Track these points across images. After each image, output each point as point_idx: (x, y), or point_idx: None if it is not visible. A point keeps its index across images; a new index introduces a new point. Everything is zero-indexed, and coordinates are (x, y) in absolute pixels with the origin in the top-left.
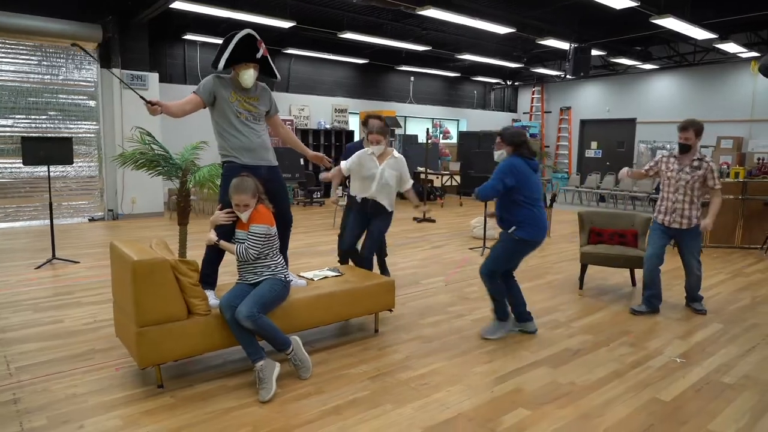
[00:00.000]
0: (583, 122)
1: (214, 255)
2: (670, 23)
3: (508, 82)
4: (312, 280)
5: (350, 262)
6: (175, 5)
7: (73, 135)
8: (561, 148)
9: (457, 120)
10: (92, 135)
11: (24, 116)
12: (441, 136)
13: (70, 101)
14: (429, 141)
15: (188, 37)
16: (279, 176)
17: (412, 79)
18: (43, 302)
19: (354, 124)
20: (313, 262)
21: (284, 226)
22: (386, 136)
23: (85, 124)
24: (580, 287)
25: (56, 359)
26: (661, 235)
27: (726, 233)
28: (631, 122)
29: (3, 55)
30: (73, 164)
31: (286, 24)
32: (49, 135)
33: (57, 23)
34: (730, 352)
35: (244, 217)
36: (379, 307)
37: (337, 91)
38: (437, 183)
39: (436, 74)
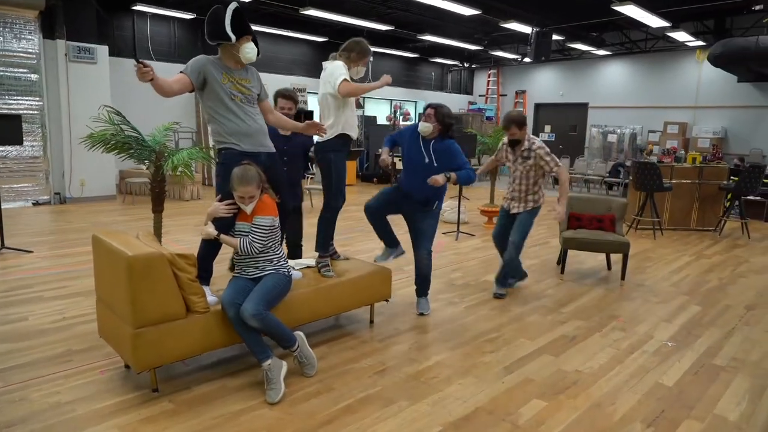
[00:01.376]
0: (537, 106)
1: (210, 249)
2: (630, 10)
3: (466, 65)
4: (309, 267)
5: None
6: None
7: (14, 112)
8: None
9: (415, 102)
10: (35, 112)
11: None
12: (402, 118)
13: (8, 74)
14: (392, 124)
15: (138, 7)
16: (278, 163)
17: (371, 58)
18: (0, 297)
19: (313, 104)
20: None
21: (285, 214)
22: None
23: (26, 100)
24: (562, 272)
25: (30, 363)
26: (504, 216)
27: (683, 216)
28: (584, 107)
29: None
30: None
31: None
32: None
33: None
34: (713, 334)
35: (248, 209)
36: (376, 298)
37: (295, 70)
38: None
39: (396, 55)
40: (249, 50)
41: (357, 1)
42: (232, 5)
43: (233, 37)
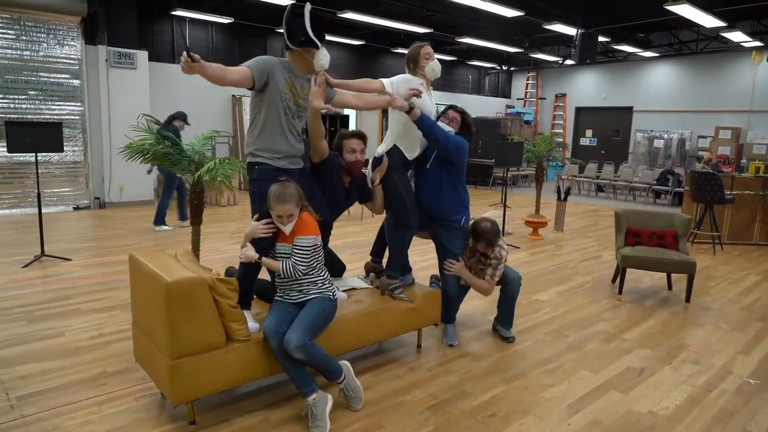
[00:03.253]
0: (578, 109)
1: (250, 272)
2: (684, 10)
3: (504, 67)
4: (354, 289)
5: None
6: None
7: (56, 117)
8: (555, 136)
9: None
10: (77, 117)
11: (1, 96)
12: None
13: (52, 80)
14: None
15: (177, 12)
16: (308, 175)
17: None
18: (38, 309)
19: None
20: None
21: (327, 232)
22: None
23: (68, 106)
24: (619, 292)
25: (63, 385)
26: None
27: (744, 229)
28: (628, 110)
29: None
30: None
31: (283, 1)
32: (37, 119)
33: None
34: None
35: (287, 229)
36: (425, 322)
37: (332, 73)
38: None
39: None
40: (323, 57)
41: (395, 3)
42: (308, 8)
43: (318, 43)
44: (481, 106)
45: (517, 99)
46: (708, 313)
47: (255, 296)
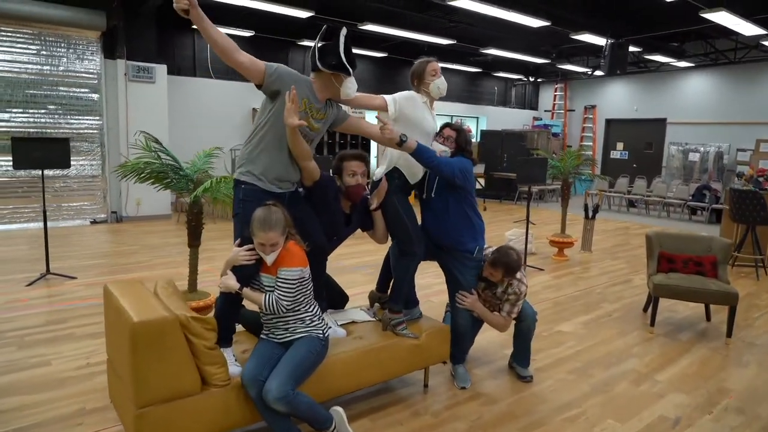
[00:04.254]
0: (608, 121)
1: (231, 304)
2: (721, 18)
3: (530, 79)
4: (354, 322)
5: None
6: None
7: (75, 131)
8: (584, 149)
9: (477, 117)
10: (95, 131)
11: (21, 110)
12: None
13: (71, 94)
14: None
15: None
16: (301, 198)
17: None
18: (32, 333)
19: (371, 119)
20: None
21: (313, 255)
22: None
23: (87, 119)
24: (651, 324)
25: (40, 423)
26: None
27: None
28: (661, 122)
29: None
30: (72, 164)
31: (304, 14)
32: (44, 135)
33: (58, 9)
34: None
35: (269, 259)
36: (432, 360)
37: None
38: None
39: (457, 69)
40: (350, 85)
41: (417, 14)
42: (344, 32)
43: (351, 70)
44: (507, 119)
45: (545, 111)
46: (752, 350)
47: (246, 329)
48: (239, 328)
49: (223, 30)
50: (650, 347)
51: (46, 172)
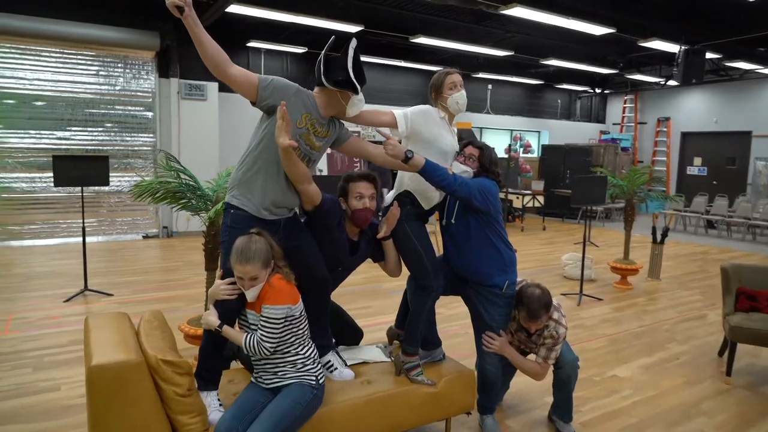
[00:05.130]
0: (684, 135)
1: (216, 343)
2: None
3: (597, 90)
4: (366, 363)
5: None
6: (232, 9)
7: (130, 148)
8: (657, 164)
9: (539, 132)
10: (149, 148)
11: (81, 128)
12: (522, 150)
13: (127, 112)
14: (510, 157)
15: (252, 44)
16: (299, 224)
17: (489, 87)
18: (51, 354)
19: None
20: (374, 305)
21: (315, 288)
22: None
23: (141, 137)
24: (728, 372)
25: None
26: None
27: None
28: (746, 135)
29: (61, 65)
30: (127, 180)
31: (353, 28)
32: (85, 154)
33: (115, 31)
34: None
35: (250, 295)
36: (453, 410)
37: (408, 101)
38: (517, 203)
39: (517, 82)
40: (357, 103)
41: (471, 26)
42: (353, 44)
43: (359, 88)
44: (571, 133)
45: (613, 124)
46: None
47: (244, 366)
48: (237, 365)
49: (277, 47)
50: (725, 403)
51: (102, 188)
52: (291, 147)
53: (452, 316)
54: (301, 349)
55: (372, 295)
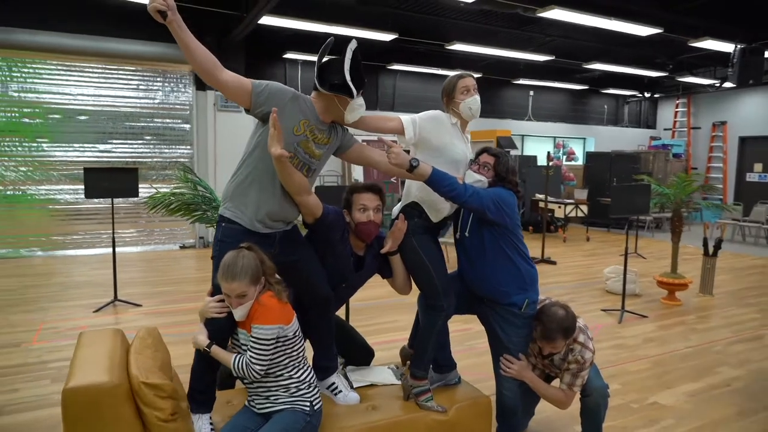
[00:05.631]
0: (742, 140)
1: (207, 364)
2: None
3: (646, 94)
4: (374, 385)
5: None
6: (265, 21)
7: (167, 160)
8: (713, 171)
9: (584, 138)
10: (186, 160)
11: (121, 141)
12: (565, 157)
13: (165, 125)
14: (550, 164)
15: (288, 55)
16: (299, 238)
17: (531, 93)
18: (62, 368)
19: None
20: (403, 319)
21: (316, 306)
22: None
23: (179, 148)
24: None
25: None
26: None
27: None
28: None
29: (103, 80)
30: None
31: (387, 36)
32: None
33: (154, 46)
34: None
35: (238, 313)
36: None
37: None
38: (559, 213)
39: (559, 87)
40: (357, 108)
41: (510, 30)
42: (352, 46)
43: (355, 92)
44: (619, 139)
45: (664, 129)
46: None
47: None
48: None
49: (313, 58)
50: None
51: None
52: (284, 156)
53: (481, 332)
54: (296, 372)
55: (400, 308)
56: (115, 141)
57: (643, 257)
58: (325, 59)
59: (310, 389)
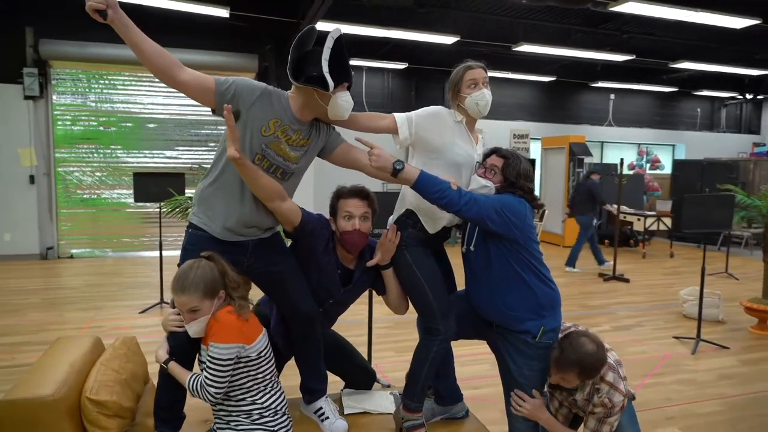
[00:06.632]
0: None
1: (171, 377)
2: None
3: (747, 96)
4: (367, 413)
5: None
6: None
7: None
8: None
9: (673, 145)
10: None
11: (187, 147)
12: (648, 165)
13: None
14: (631, 172)
15: (352, 62)
16: (280, 247)
17: (612, 97)
18: None
19: (535, 151)
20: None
21: (299, 323)
22: None
23: None
24: None
25: None
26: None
27: None
28: None
29: (170, 90)
30: None
31: (449, 39)
32: (163, 171)
33: (219, 56)
34: None
35: (191, 329)
36: None
37: (516, 114)
38: (638, 226)
39: (644, 90)
40: (343, 103)
41: (582, 29)
42: (335, 35)
43: (331, 85)
44: (714, 146)
45: None
46: None
47: None
48: None
49: (377, 64)
50: None
51: None
52: (236, 158)
53: None
54: (260, 398)
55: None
56: (180, 148)
57: (735, 278)
58: (305, 49)
59: (276, 417)
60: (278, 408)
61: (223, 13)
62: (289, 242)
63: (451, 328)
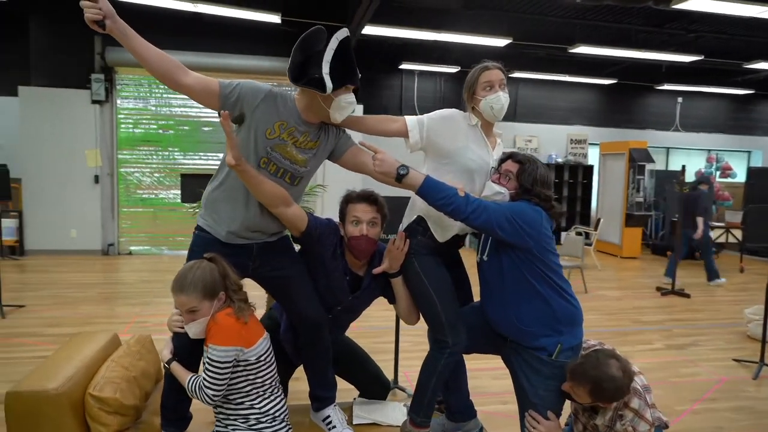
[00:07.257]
0: None
1: (175, 378)
2: None
3: None
4: (376, 424)
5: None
6: (370, 31)
7: None
8: None
9: (748, 152)
10: None
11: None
12: (718, 173)
13: None
14: (679, 184)
15: (405, 66)
16: (288, 252)
17: (679, 100)
18: None
19: (593, 157)
20: None
21: (306, 330)
22: None
23: None
24: None
25: None
26: None
27: None
28: None
29: None
30: None
31: (500, 42)
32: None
33: (268, 60)
34: None
35: (191, 330)
36: None
37: (573, 119)
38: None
39: (715, 93)
40: (344, 106)
41: (647, 29)
42: (340, 35)
43: (330, 86)
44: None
45: None
46: None
47: None
48: None
49: (429, 68)
50: None
51: None
52: (235, 165)
53: None
54: (258, 402)
55: None
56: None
57: None
58: (311, 51)
59: (274, 424)
60: (277, 414)
61: (275, 19)
62: (298, 247)
63: (461, 341)
